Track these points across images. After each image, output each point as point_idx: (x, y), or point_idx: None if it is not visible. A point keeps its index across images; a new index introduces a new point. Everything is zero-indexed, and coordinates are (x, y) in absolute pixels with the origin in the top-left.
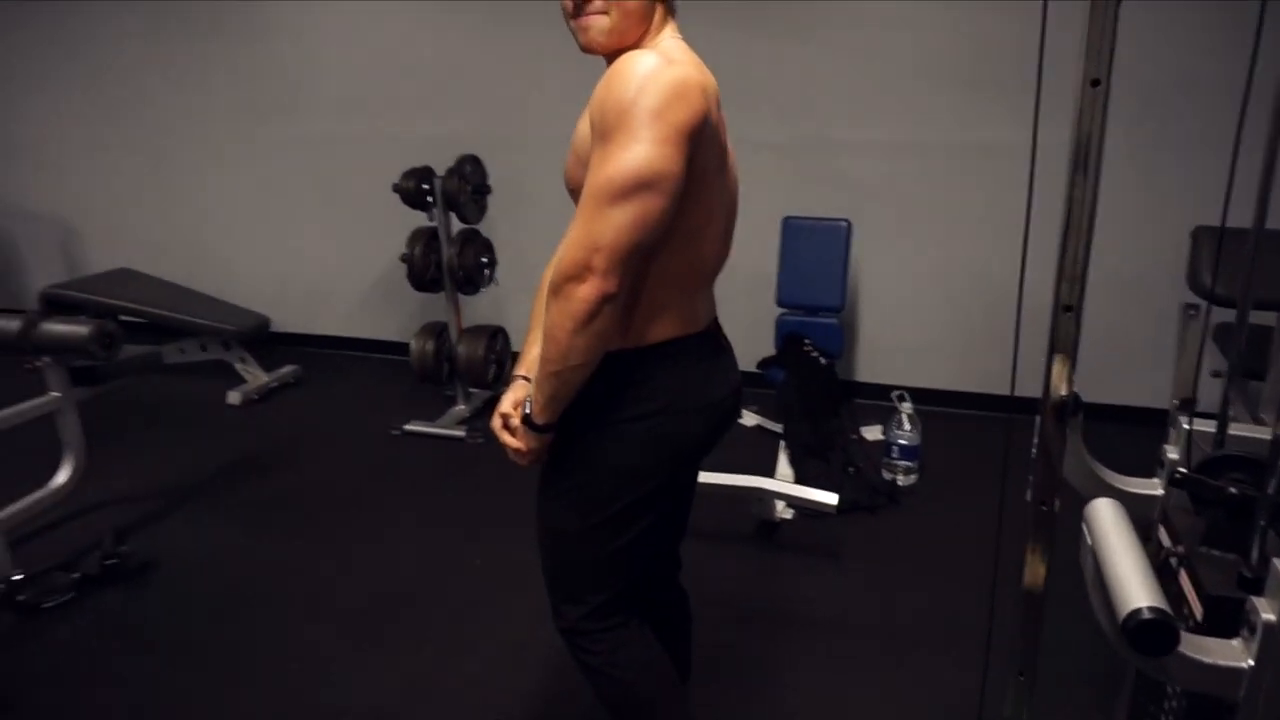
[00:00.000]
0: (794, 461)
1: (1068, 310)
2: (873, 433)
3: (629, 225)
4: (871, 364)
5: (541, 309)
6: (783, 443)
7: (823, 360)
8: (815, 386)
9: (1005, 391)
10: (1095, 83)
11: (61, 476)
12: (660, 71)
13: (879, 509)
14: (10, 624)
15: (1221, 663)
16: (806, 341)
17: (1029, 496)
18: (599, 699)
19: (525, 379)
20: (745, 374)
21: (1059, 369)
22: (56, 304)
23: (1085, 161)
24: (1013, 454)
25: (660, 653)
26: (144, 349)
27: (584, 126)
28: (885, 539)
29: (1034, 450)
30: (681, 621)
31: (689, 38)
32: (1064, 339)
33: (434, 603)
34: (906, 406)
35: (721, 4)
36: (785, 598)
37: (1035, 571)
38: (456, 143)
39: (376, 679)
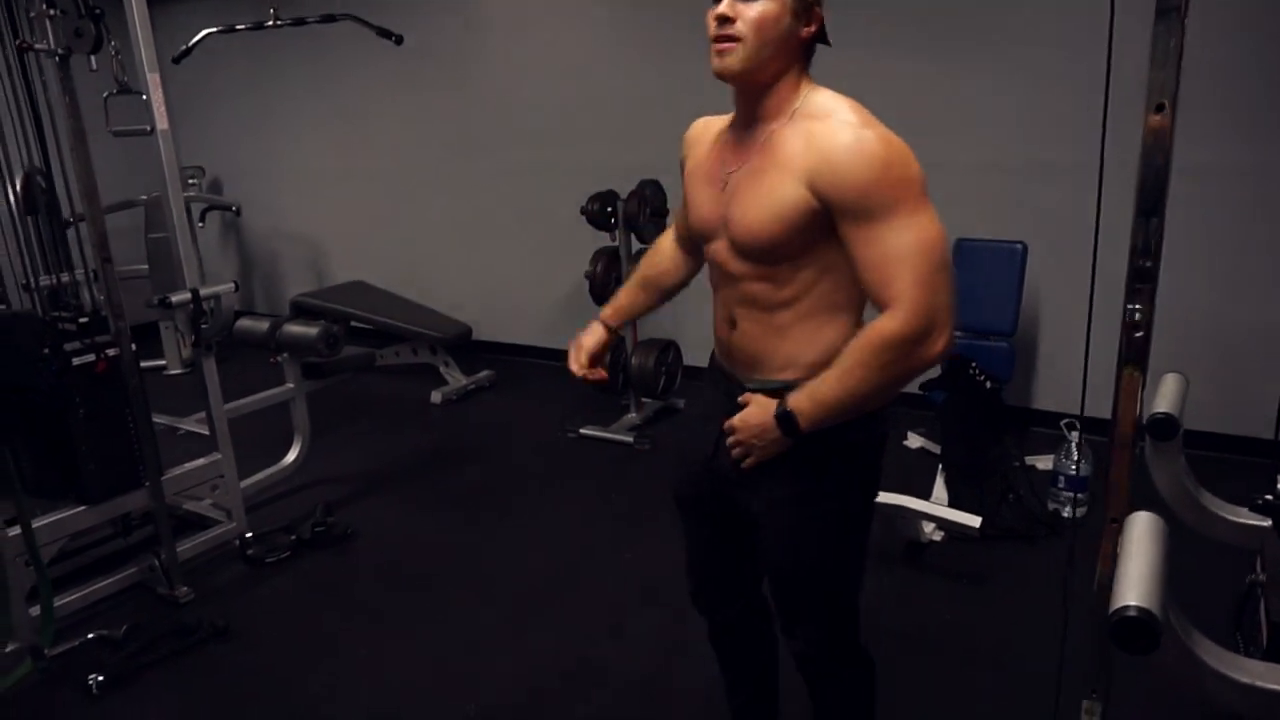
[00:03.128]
0: (949, 484)
1: (1136, 331)
2: (1045, 462)
3: (950, 284)
4: (1048, 391)
5: (654, 263)
6: (940, 465)
7: (989, 384)
8: (978, 410)
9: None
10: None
11: (291, 455)
12: (892, 137)
13: (1038, 539)
14: (241, 572)
15: (1260, 684)
16: (973, 365)
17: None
18: (841, 707)
19: (607, 327)
20: (910, 395)
21: (1132, 385)
22: (303, 310)
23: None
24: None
25: None
26: (364, 350)
27: (788, 190)
28: (1037, 569)
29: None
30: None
31: (860, 61)
32: (1137, 357)
33: (591, 589)
34: (1075, 435)
35: (893, 25)
36: (918, 619)
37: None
38: (637, 168)
39: (530, 655)
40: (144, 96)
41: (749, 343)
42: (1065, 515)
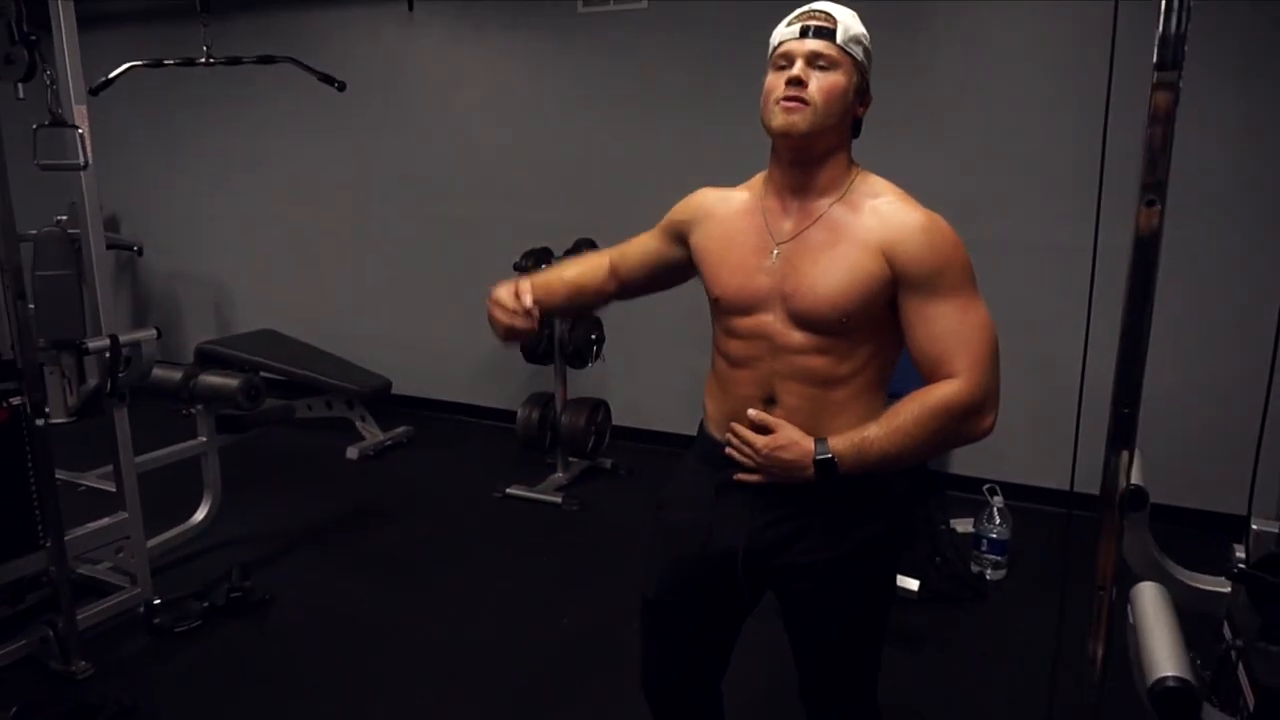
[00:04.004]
0: None
1: (1125, 410)
2: (964, 525)
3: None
4: (965, 457)
5: (588, 274)
6: None
7: None
8: (901, 475)
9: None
10: (1150, 203)
11: (200, 513)
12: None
13: (963, 601)
14: (146, 643)
15: None
16: None
17: (1094, 579)
18: None
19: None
20: None
21: (1122, 462)
22: (209, 358)
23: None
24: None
25: None
26: (282, 402)
27: (864, 262)
28: (965, 631)
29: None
30: None
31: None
32: (1125, 434)
33: (522, 657)
34: (998, 500)
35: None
36: None
37: (1095, 650)
38: (573, 228)
39: None
40: (79, 130)
41: (794, 417)
42: (989, 577)
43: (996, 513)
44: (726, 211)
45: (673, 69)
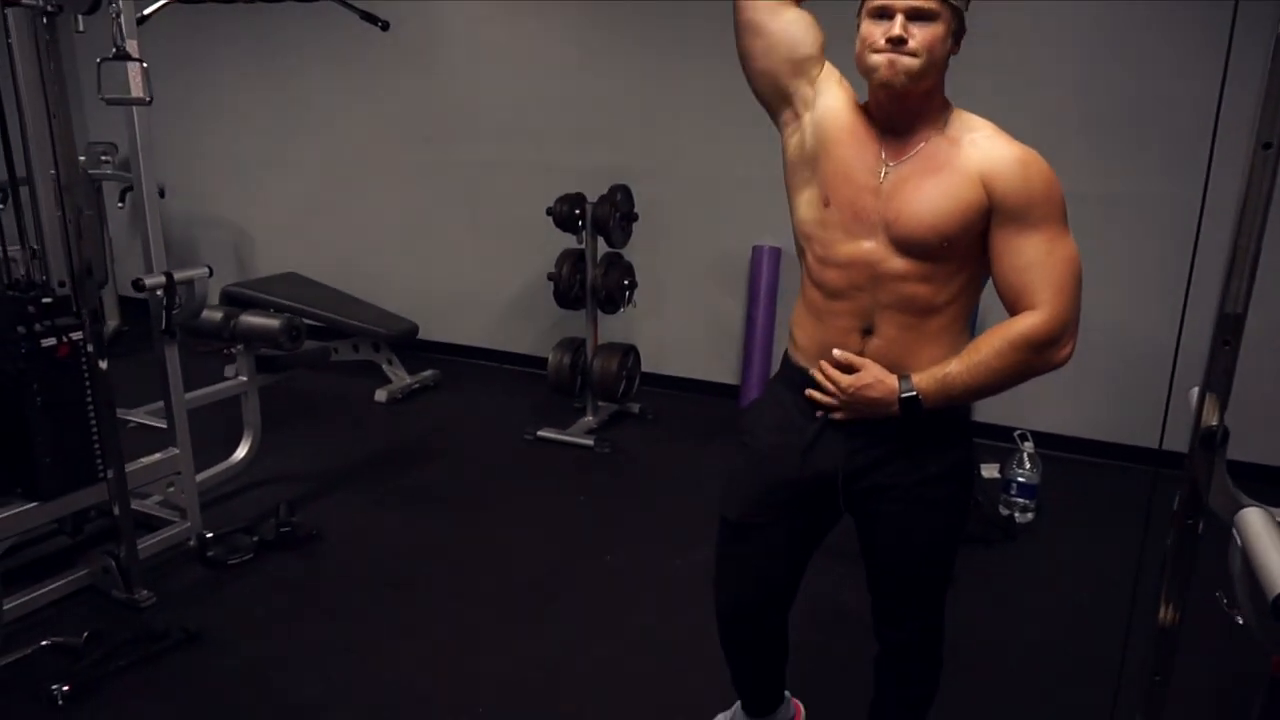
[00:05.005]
0: None
1: (1225, 345)
2: (990, 471)
3: (1080, 300)
4: (992, 405)
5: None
6: None
7: None
8: None
9: (1126, 440)
10: (1267, 145)
11: (241, 451)
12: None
13: (993, 542)
14: (200, 575)
15: None
16: None
17: (1175, 513)
18: (921, 700)
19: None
20: None
21: (1211, 400)
22: (236, 300)
23: (1251, 218)
24: (1149, 503)
25: None
26: (319, 344)
27: (965, 190)
28: (998, 572)
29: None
30: None
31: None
32: (1219, 373)
33: (564, 590)
34: (1028, 446)
35: None
36: None
37: (1177, 587)
38: (607, 173)
39: (526, 655)
40: (143, 64)
41: (892, 347)
42: (1018, 520)
43: (1027, 458)
44: (853, 112)
45: (707, 7)
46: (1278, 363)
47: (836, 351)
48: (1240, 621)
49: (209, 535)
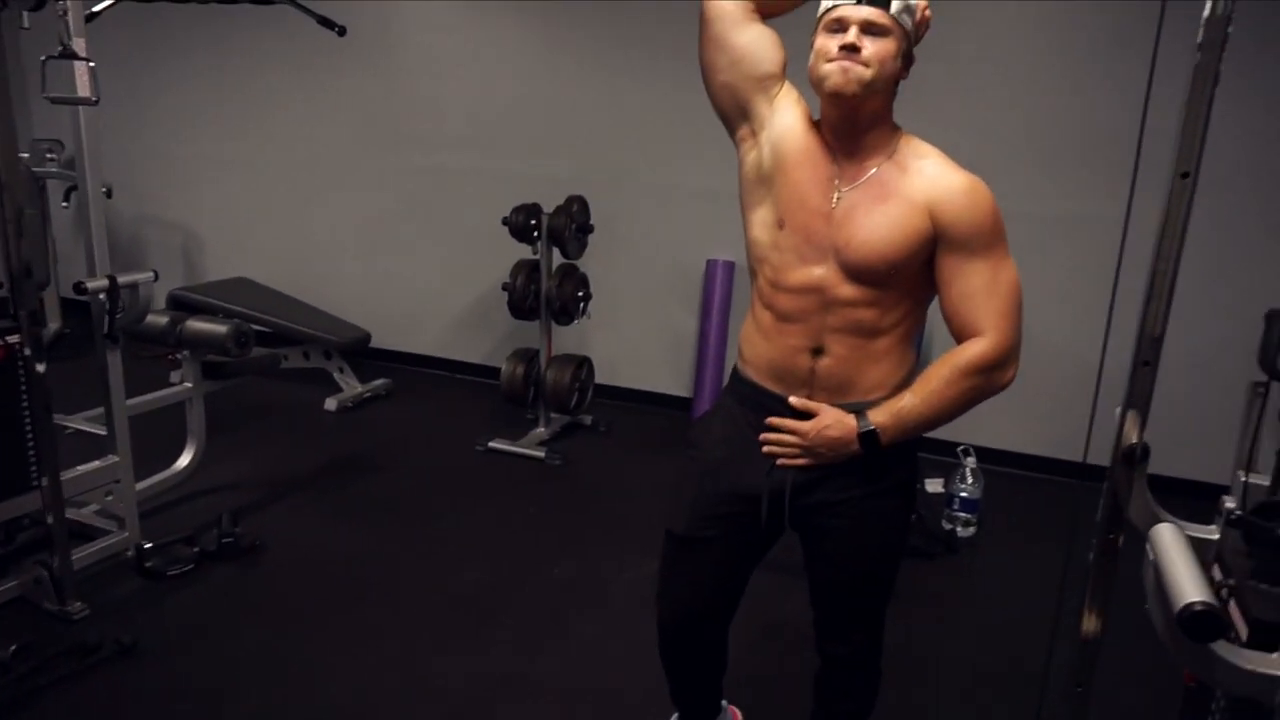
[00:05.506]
0: None
1: (1145, 365)
2: (934, 485)
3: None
4: None
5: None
6: None
7: None
8: None
9: (1066, 456)
10: (1185, 175)
11: (184, 460)
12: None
13: (935, 556)
14: (138, 586)
15: (1261, 670)
16: None
17: (1097, 527)
18: (859, 713)
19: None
20: None
21: (1132, 418)
22: (184, 305)
23: (1169, 244)
24: (1074, 517)
25: None
26: (268, 351)
27: (912, 218)
28: (938, 586)
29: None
30: None
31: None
32: (1140, 392)
33: (511, 602)
34: (970, 461)
35: None
36: None
37: (1099, 598)
38: (564, 183)
39: (469, 668)
40: (90, 64)
41: (842, 368)
42: (960, 534)
43: (969, 473)
44: (808, 133)
45: (665, 20)
46: (1203, 380)
47: (794, 399)
48: None
49: (148, 545)
